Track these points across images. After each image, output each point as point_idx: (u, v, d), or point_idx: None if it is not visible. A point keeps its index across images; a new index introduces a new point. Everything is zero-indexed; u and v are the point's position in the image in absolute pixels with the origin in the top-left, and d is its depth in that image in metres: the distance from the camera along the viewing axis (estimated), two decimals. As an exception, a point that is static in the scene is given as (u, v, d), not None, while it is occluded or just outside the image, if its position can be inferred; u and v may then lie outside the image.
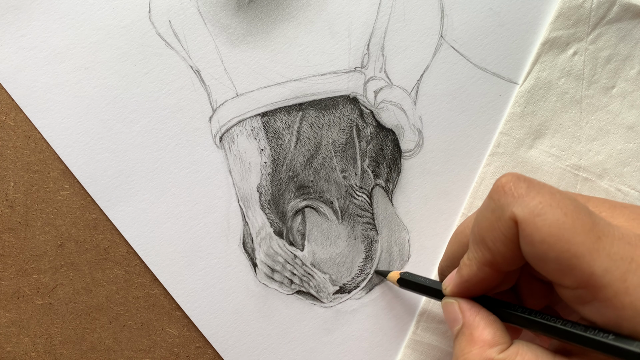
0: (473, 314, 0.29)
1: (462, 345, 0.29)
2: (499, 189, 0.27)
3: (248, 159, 0.38)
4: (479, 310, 0.29)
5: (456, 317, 0.30)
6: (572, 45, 0.38)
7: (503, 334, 0.28)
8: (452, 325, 0.30)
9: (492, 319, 0.29)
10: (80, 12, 0.38)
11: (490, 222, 0.27)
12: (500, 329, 0.28)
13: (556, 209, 0.25)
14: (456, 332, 0.30)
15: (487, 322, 0.29)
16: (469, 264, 0.29)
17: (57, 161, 0.38)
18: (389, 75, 0.39)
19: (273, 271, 0.38)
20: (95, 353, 0.38)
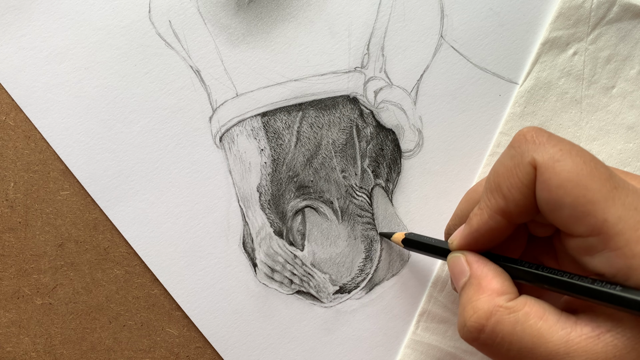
0: (481, 265, 0.29)
1: (470, 294, 0.28)
2: (521, 137, 0.28)
3: (248, 159, 0.38)
4: (487, 262, 0.29)
5: (463, 270, 0.30)
6: (572, 45, 0.38)
7: (510, 285, 0.28)
8: (458, 279, 0.30)
9: (499, 271, 0.29)
10: (80, 12, 0.38)
11: (509, 168, 0.27)
12: (507, 280, 0.29)
13: (575, 157, 0.26)
14: (462, 284, 0.30)
15: (495, 273, 0.29)
16: (480, 212, 0.29)
17: (57, 161, 0.38)
18: (389, 75, 0.39)
19: (273, 271, 0.38)
20: (95, 353, 0.38)
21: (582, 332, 0.25)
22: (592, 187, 0.25)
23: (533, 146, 0.27)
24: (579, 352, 0.25)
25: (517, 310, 0.27)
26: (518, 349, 0.26)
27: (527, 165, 0.27)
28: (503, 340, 0.27)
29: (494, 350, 0.27)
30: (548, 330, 0.26)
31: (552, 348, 0.25)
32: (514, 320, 0.27)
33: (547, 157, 0.26)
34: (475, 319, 0.27)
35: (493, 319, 0.27)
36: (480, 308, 0.28)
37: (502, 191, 0.28)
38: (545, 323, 0.26)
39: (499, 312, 0.27)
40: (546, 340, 0.26)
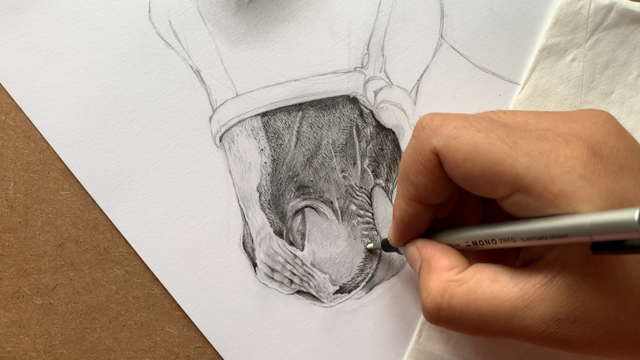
0: (429, 247, 0.30)
1: (423, 277, 0.30)
2: (418, 126, 0.29)
3: (248, 159, 0.38)
4: (434, 244, 0.31)
5: (415, 257, 0.31)
6: (570, 51, 0.38)
7: (458, 258, 0.29)
8: (414, 267, 0.31)
9: (446, 248, 0.30)
10: (80, 12, 0.38)
11: (412, 157, 0.29)
12: (455, 254, 0.30)
13: (469, 128, 0.27)
14: (418, 270, 0.31)
15: (442, 252, 0.30)
16: (398, 202, 0.31)
17: (57, 161, 0.38)
18: (389, 75, 0.39)
19: (273, 271, 0.38)
20: (95, 353, 0.38)
21: (534, 282, 0.26)
22: (494, 149, 0.26)
23: (430, 132, 0.28)
24: (536, 301, 0.25)
25: (467, 280, 0.27)
26: (479, 317, 0.27)
27: (428, 152, 0.28)
28: (462, 312, 0.27)
29: (458, 324, 0.28)
30: (502, 290, 0.26)
31: (510, 306, 0.26)
32: (466, 291, 0.27)
33: (444, 138, 0.27)
34: (430, 299, 0.28)
35: (446, 294, 0.28)
36: (432, 288, 0.28)
37: (410, 179, 0.29)
38: (498, 284, 0.27)
39: (450, 287, 0.28)
40: (502, 300, 0.26)
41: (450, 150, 0.27)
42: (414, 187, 0.29)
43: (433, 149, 0.28)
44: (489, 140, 0.26)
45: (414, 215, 0.30)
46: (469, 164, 0.26)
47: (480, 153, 0.26)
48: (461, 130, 0.27)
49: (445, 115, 0.28)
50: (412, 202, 0.30)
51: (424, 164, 0.28)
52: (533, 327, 0.26)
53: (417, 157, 0.28)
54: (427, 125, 0.28)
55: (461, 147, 0.26)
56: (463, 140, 0.26)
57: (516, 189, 0.25)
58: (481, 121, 0.27)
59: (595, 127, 0.27)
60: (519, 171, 0.25)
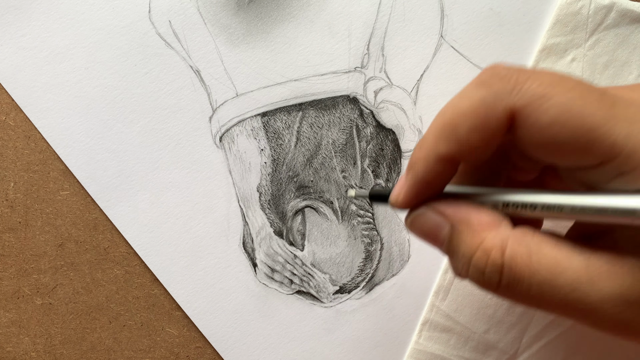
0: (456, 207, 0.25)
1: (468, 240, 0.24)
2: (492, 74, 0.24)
3: (248, 159, 0.38)
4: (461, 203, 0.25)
5: (437, 223, 0.25)
6: (570, 51, 0.38)
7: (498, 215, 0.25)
8: (436, 236, 0.26)
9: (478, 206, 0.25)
10: (80, 12, 0.38)
11: (474, 109, 0.23)
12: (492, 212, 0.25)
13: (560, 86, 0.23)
14: (446, 238, 0.25)
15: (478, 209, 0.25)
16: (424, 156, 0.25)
17: (57, 161, 0.38)
18: (389, 75, 0.39)
19: (273, 271, 0.38)
20: (95, 353, 0.38)
21: (602, 256, 0.23)
22: (589, 112, 0.22)
23: (510, 87, 0.23)
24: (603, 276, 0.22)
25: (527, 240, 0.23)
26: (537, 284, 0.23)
27: (503, 110, 0.23)
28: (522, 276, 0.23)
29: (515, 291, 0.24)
30: (566, 257, 0.23)
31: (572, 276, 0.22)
32: (527, 251, 0.23)
33: (528, 97, 0.23)
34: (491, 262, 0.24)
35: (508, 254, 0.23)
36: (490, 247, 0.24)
37: (457, 134, 0.24)
38: (560, 250, 0.23)
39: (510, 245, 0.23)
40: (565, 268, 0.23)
41: (535, 111, 0.22)
42: (457, 144, 0.24)
43: (510, 109, 0.23)
44: (583, 102, 0.22)
45: (440, 175, 0.25)
46: (556, 128, 0.22)
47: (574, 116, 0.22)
48: (550, 88, 0.23)
49: (524, 69, 0.24)
50: (445, 160, 0.24)
51: (489, 124, 0.23)
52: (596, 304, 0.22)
53: (484, 111, 0.23)
54: (505, 77, 0.23)
55: (549, 108, 0.22)
56: (553, 100, 0.22)
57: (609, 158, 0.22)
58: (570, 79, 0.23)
59: None
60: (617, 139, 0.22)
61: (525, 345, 0.37)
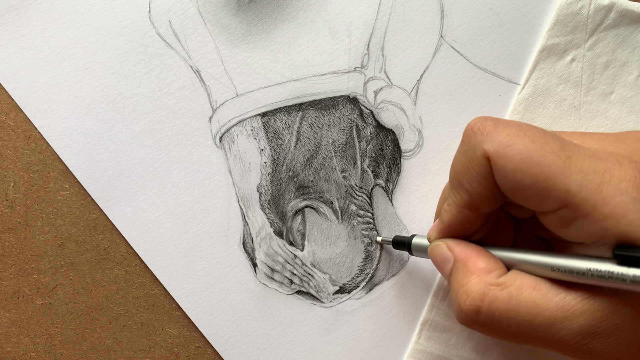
0: (463, 247, 0.30)
1: (459, 278, 0.29)
2: (469, 131, 0.28)
3: (248, 159, 0.38)
4: (468, 244, 0.30)
5: (446, 256, 0.30)
6: (569, 52, 0.38)
7: (497, 261, 0.29)
8: (443, 267, 0.30)
9: (482, 250, 0.29)
10: (80, 12, 0.38)
11: (464, 164, 0.28)
12: (492, 257, 0.29)
13: (524, 138, 0.26)
14: (449, 271, 0.30)
15: (479, 252, 0.29)
16: (449, 209, 0.30)
17: (57, 161, 0.38)
18: (389, 75, 0.39)
19: (273, 271, 0.38)
20: (95, 353, 0.38)
21: (576, 294, 0.26)
22: (547, 162, 0.25)
23: (482, 137, 0.27)
24: (576, 314, 0.25)
25: (509, 285, 0.27)
26: (517, 323, 0.26)
27: (480, 158, 0.27)
28: (501, 317, 0.27)
29: (494, 329, 0.27)
30: (543, 299, 0.26)
31: (549, 315, 0.26)
32: (507, 296, 0.27)
33: (497, 145, 0.26)
34: (470, 302, 0.27)
35: (487, 298, 0.27)
36: (472, 290, 0.28)
37: (463, 186, 0.28)
38: (539, 292, 0.26)
39: (491, 291, 0.27)
40: (542, 309, 0.26)
41: (502, 158, 0.26)
42: (467, 195, 0.28)
43: (485, 154, 0.27)
44: (542, 153, 0.25)
45: (464, 223, 0.29)
46: (519, 175, 0.26)
47: (533, 165, 0.25)
48: (515, 139, 0.26)
49: (497, 120, 0.28)
50: (465, 209, 0.29)
51: (477, 171, 0.27)
52: (568, 338, 0.25)
53: (469, 163, 0.28)
54: (478, 131, 0.28)
55: (513, 157, 0.26)
56: (516, 149, 0.26)
57: (565, 205, 0.25)
58: (535, 131, 0.27)
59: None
60: (571, 188, 0.25)
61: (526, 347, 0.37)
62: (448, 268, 0.30)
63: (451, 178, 0.29)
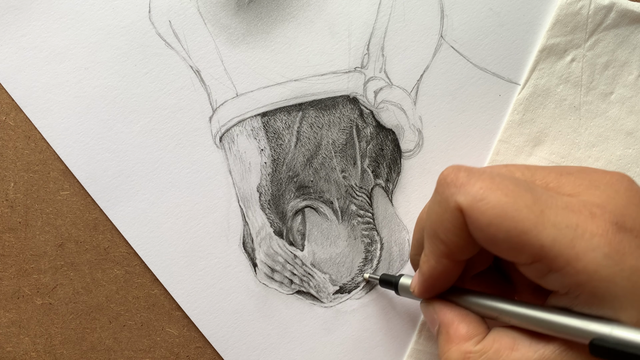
0: (446, 312, 0.30)
1: (442, 345, 0.30)
2: (442, 181, 0.28)
3: (248, 159, 0.38)
4: (452, 308, 0.30)
5: (434, 319, 0.31)
6: (569, 52, 0.38)
7: (478, 325, 0.29)
8: (432, 327, 0.31)
9: (464, 314, 0.30)
10: (80, 12, 0.38)
11: (438, 214, 0.28)
12: (474, 321, 0.29)
13: (496, 191, 0.26)
14: (436, 333, 0.31)
15: (461, 318, 0.30)
16: (427, 259, 0.30)
17: (57, 161, 0.38)
18: (389, 75, 0.39)
19: (273, 271, 0.38)
20: (95, 353, 0.38)
21: (554, 348, 0.26)
22: (520, 217, 0.25)
23: (455, 189, 0.27)
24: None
25: (486, 351, 0.28)
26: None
27: (454, 210, 0.27)
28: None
29: None
30: (521, 358, 0.27)
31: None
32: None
33: (470, 198, 0.26)
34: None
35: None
36: (452, 359, 0.28)
37: (439, 237, 0.28)
38: (517, 352, 0.27)
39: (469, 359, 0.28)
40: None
41: (475, 211, 0.26)
42: (444, 245, 0.28)
43: (458, 207, 0.27)
44: (515, 207, 0.26)
45: (443, 272, 0.30)
46: (493, 229, 0.26)
47: (506, 219, 0.25)
48: (487, 192, 0.26)
49: (470, 171, 0.28)
50: (443, 259, 0.29)
51: (452, 222, 0.27)
52: None
53: (444, 214, 0.28)
54: (451, 182, 0.28)
55: (487, 211, 0.26)
56: (489, 203, 0.26)
57: (539, 259, 0.25)
58: (508, 184, 0.27)
59: (617, 195, 0.27)
60: (544, 243, 0.25)
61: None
62: (435, 330, 0.31)
63: (427, 228, 0.29)
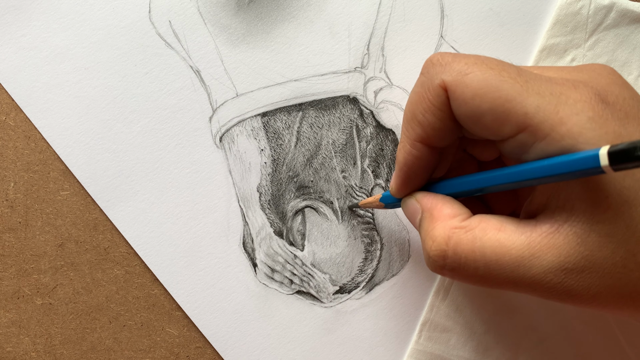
0: (429, 198, 0.30)
1: (426, 226, 0.29)
2: (428, 63, 0.28)
3: (248, 159, 0.38)
4: (434, 195, 0.30)
5: (415, 209, 0.30)
6: (569, 51, 0.38)
7: (461, 206, 0.29)
8: (414, 219, 0.31)
9: (448, 198, 0.29)
10: (80, 12, 0.38)
11: (420, 94, 0.28)
12: (457, 203, 0.29)
13: (481, 65, 0.26)
14: (419, 222, 0.30)
15: (444, 201, 0.29)
16: (402, 145, 0.30)
17: (57, 161, 0.38)
18: (389, 75, 0.39)
19: (273, 271, 0.38)
20: (95, 353, 0.38)
21: (541, 231, 0.25)
22: (505, 86, 0.25)
23: (440, 68, 0.27)
24: (543, 250, 0.25)
25: (473, 228, 0.27)
26: (484, 265, 0.26)
27: (437, 87, 0.27)
28: (467, 259, 0.27)
29: (462, 273, 0.27)
30: (508, 238, 0.26)
31: (516, 254, 0.26)
32: (471, 238, 0.27)
33: (455, 73, 0.27)
34: (435, 247, 0.28)
35: (451, 241, 0.27)
36: (437, 235, 0.28)
37: (417, 118, 0.28)
38: (503, 233, 0.26)
39: (455, 234, 0.27)
40: (508, 248, 0.26)
41: (460, 85, 0.26)
42: (420, 127, 0.28)
43: (442, 84, 0.27)
44: (500, 78, 0.26)
45: (419, 159, 0.29)
46: (477, 100, 0.26)
47: (491, 89, 0.26)
48: (473, 67, 0.26)
49: (456, 53, 0.28)
50: (418, 143, 0.29)
51: (432, 101, 0.27)
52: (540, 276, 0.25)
53: (426, 93, 0.28)
54: (437, 62, 0.28)
55: (471, 83, 0.26)
56: (474, 76, 0.26)
57: (523, 128, 0.25)
58: (492, 60, 0.27)
59: (600, 77, 0.27)
60: (528, 110, 0.25)
61: (526, 347, 0.37)
62: (418, 219, 0.30)
63: (405, 112, 0.29)
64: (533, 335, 0.37)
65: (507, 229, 0.26)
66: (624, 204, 0.24)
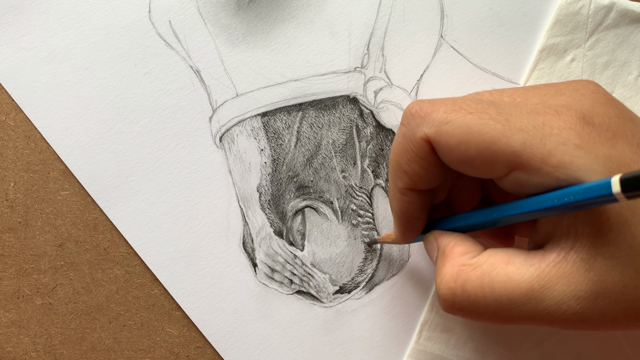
0: (444, 237, 0.30)
1: (438, 264, 0.29)
2: (407, 114, 0.28)
3: (248, 159, 0.38)
4: (450, 233, 0.30)
5: (433, 247, 0.30)
6: (569, 51, 0.38)
7: (474, 244, 0.29)
8: (432, 257, 0.31)
9: (462, 237, 0.29)
10: (80, 12, 0.38)
11: (403, 145, 0.28)
12: (470, 241, 0.29)
13: (460, 111, 0.26)
14: (435, 260, 0.30)
15: (458, 239, 0.29)
16: (393, 194, 0.30)
17: (57, 161, 0.38)
18: (389, 75, 0.39)
19: (273, 271, 0.38)
20: (95, 353, 0.38)
21: (549, 260, 0.25)
22: (487, 129, 0.25)
23: (420, 120, 0.27)
24: (552, 280, 0.25)
25: (481, 264, 0.27)
26: (494, 300, 0.26)
27: (419, 140, 0.27)
28: (476, 296, 0.26)
29: (473, 310, 0.27)
30: (517, 271, 0.26)
31: (526, 287, 0.25)
32: (480, 274, 0.26)
33: (436, 124, 0.27)
34: (444, 284, 0.28)
35: (460, 279, 0.27)
36: (446, 273, 0.28)
37: (402, 168, 0.29)
38: (512, 266, 0.26)
39: (464, 271, 0.27)
40: (518, 282, 0.25)
41: (443, 135, 0.26)
42: (407, 176, 0.29)
43: (424, 137, 0.27)
44: (481, 121, 0.26)
45: (412, 204, 0.30)
46: (463, 147, 0.26)
47: (474, 135, 0.26)
48: (452, 115, 0.26)
49: (433, 101, 0.28)
50: (407, 190, 0.29)
51: (416, 152, 0.28)
52: (553, 308, 0.25)
53: (408, 145, 0.28)
54: (416, 113, 0.28)
55: (454, 132, 0.26)
56: (455, 124, 0.26)
57: (514, 166, 0.25)
58: (470, 103, 0.27)
59: (583, 97, 0.27)
60: (515, 148, 0.25)
61: (526, 347, 0.37)
62: (434, 258, 0.30)
63: (391, 162, 0.30)
64: (533, 335, 0.37)
65: (515, 261, 0.26)
66: (624, 224, 0.24)
